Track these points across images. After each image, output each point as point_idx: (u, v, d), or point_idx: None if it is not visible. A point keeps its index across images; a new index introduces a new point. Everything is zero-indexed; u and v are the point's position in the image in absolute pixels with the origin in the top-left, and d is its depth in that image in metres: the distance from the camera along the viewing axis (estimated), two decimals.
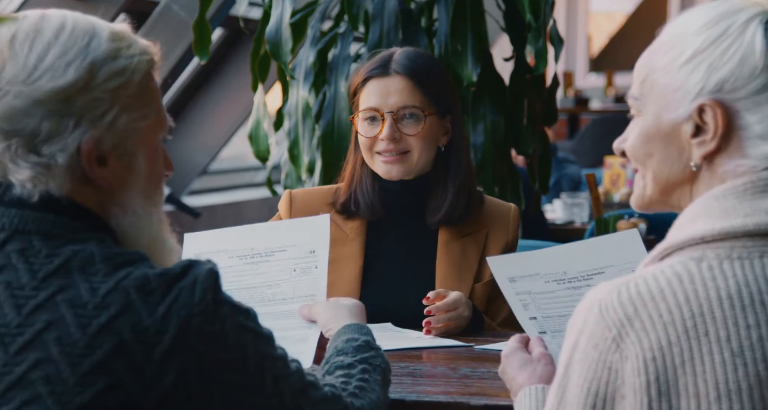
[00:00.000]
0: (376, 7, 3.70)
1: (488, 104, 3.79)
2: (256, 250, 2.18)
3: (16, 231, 1.41)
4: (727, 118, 1.38)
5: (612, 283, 1.36)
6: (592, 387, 1.33)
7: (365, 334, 1.85)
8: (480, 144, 3.79)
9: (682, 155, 1.42)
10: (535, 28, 3.77)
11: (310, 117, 3.79)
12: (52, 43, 1.42)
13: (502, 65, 3.98)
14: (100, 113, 1.43)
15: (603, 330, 1.33)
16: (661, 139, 1.43)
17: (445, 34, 3.72)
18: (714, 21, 1.41)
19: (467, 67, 3.70)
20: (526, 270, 1.99)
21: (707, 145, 1.40)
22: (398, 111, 2.53)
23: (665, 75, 1.42)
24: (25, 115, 1.40)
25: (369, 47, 3.69)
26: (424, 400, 1.91)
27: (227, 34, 6.60)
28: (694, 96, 1.40)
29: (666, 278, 1.34)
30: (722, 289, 1.32)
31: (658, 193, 1.47)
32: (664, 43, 1.45)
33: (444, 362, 2.19)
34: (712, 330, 1.31)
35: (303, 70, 3.80)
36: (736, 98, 1.38)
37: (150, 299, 1.37)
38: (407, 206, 2.58)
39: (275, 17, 3.74)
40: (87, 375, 1.34)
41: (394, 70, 2.54)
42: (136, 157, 1.48)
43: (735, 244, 1.35)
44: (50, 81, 1.41)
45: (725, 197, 1.38)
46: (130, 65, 1.46)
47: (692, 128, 1.40)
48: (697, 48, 1.40)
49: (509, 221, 2.61)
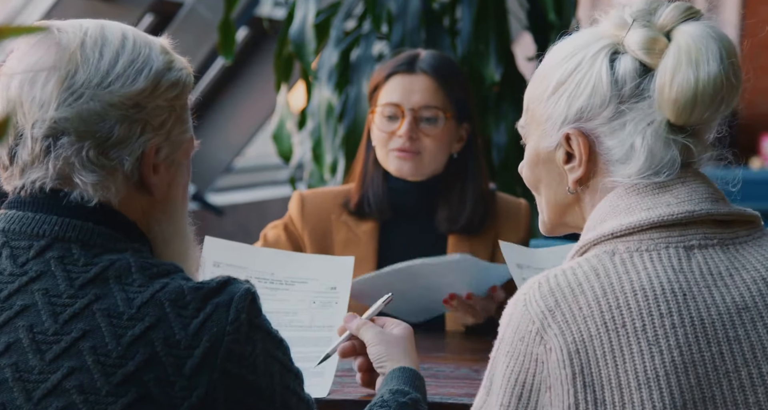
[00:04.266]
0: (399, 8, 3.70)
1: (511, 103, 3.79)
2: (276, 276, 2.16)
3: (56, 239, 1.42)
4: (590, 144, 1.47)
5: (535, 277, 1.43)
6: (519, 377, 1.38)
7: (416, 389, 1.77)
8: (503, 144, 3.79)
9: (563, 179, 1.51)
10: (559, 27, 3.76)
11: (333, 117, 3.80)
12: (120, 52, 1.46)
13: (523, 64, 3.98)
14: (161, 121, 1.47)
15: (527, 322, 1.39)
16: (543, 165, 1.53)
17: (468, 33, 3.72)
18: (572, 53, 1.49)
19: (490, 67, 3.70)
20: (534, 263, 2.04)
21: (576, 170, 1.49)
22: (419, 110, 2.52)
23: (539, 105, 1.51)
24: (101, 118, 1.43)
25: (392, 47, 3.70)
26: (447, 402, 1.92)
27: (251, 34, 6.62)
28: (560, 125, 1.49)
29: (583, 271, 1.41)
30: (635, 281, 1.39)
31: (554, 215, 1.55)
32: (537, 74, 1.54)
33: (467, 364, 2.20)
34: (628, 321, 1.37)
35: (326, 70, 3.81)
36: (595, 125, 1.47)
37: (184, 313, 1.38)
38: (416, 208, 2.58)
39: (299, 18, 3.75)
40: (119, 385, 1.35)
41: (420, 68, 2.54)
42: (180, 168, 1.51)
43: (642, 237, 1.43)
44: (123, 87, 1.44)
45: (628, 195, 1.45)
46: (181, 78, 1.50)
47: (563, 155, 1.50)
48: (559, 79, 1.49)
49: (520, 219, 2.61)
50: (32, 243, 1.42)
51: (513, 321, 1.41)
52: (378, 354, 1.85)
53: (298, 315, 2.13)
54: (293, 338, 1.94)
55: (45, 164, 1.43)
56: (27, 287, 1.41)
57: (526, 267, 2.04)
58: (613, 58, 1.48)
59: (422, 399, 1.76)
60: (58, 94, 1.42)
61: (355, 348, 1.92)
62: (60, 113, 1.42)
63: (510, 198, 2.66)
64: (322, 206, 2.59)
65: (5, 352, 1.39)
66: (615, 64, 1.47)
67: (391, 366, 1.83)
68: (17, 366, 1.38)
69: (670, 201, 1.44)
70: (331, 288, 2.15)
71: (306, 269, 2.16)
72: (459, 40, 3.76)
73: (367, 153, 2.60)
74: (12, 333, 1.39)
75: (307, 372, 1.66)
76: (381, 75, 2.58)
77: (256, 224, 6.30)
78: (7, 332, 1.39)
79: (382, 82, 2.57)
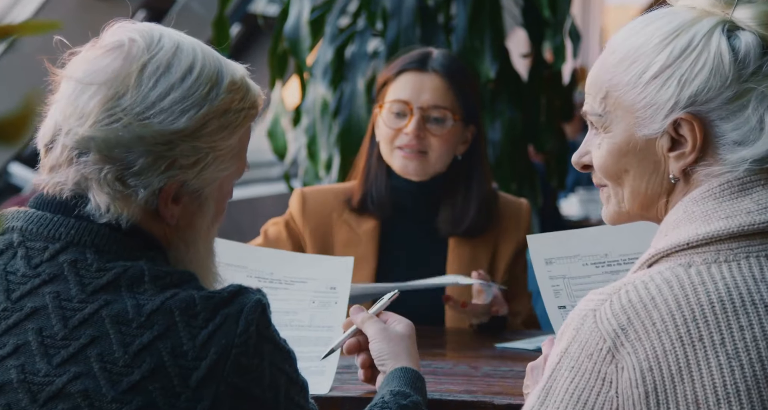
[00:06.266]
0: (394, 4, 3.70)
1: (506, 100, 3.79)
2: (275, 276, 2.15)
3: (71, 242, 1.42)
4: (704, 129, 1.39)
5: (604, 291, 1.36)
6: (582, 395, 1.33)
7: (417, 390, 1.76)
8: (498, 141, 3.79)
9: (658, 168, 1.43)
10: (554, 24, 3.77)
11: (328, 114, 3.80)
12: (176, 86, 1.42)
13: (516, 60, 3.98)
14: (193, 161, 1.44)
15: (597, 340, 1.33)
16: (635, 155, 1.43)
17: (463, 30, 3.72)
18: (674, 34, 1.40)
19: (485, 64, 3.70)
20: (566, 251, 1.96)
21: (686, 157, 1.40)
22: (428, 109, 2.50)
23: (630, 91, 1.42)
24: (127, 148, 1.41)
25: (387, 44, 3.70)
26: (447, 399, 1.92)
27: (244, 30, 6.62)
28: (668, 111, 1.40)
29: (656, 285, 1.34)
30: (712, 293, 1.33)
31: (638, 207, 1.47)
32: (621, 59, 1.44)
33: (466, 360, 2.20)
34: (705, 334, 1.31)
35: (321, 67, 3.81)
36: (711, 109, 1.39)
37: (193, 323, 1.37)
38: (417, 208, 2.56)
39: (294, 15, 3.75)
40: (124, 392, 1.35)
41: (432, 67, 2.52)
42: (208, 201, 1.48)
43: (720, 247, 1.36)
44: (161, 123, 1.41)
45: (704, 201, 1.38)
46: (236, 120, 1.47)
47: (668, 143, 1.41)
48: (663, 63, 1.40)
49: (521, 218, 2.59)
50: (47, 245, 1.42)
51: (581, 336, 1.34)
52: (380, 351, 1.85)
53: (297, 314, 2.12)
54: (293, 337, 1.94)
55: (66, 173, 1.43)
56: (39, 290, 1.40)
57: (557, 260, 1.95)
58: (729, 35, 1.39)
59: (423, 402, 1.76)
60: (98, 112, 1.41)
61: (360, 344, 1.92)
62: (91, 132, 1.41)
63: (511, 198, 2.65)
64: (324, 205, 2.57)
65: (13, 353, 1.39)
66: (733, 42, 1.38)
67: (392, 365, 1.83)
68: (23, 368, 1.37)
69: (750, 208, 1.37)
70: (330, 288, 2.15)
71: (305, 269, 2.16)
72: (454, 37, 3.76)
73: (370, 149, 2.58)
74: (21, 335, 1.39)
75: (307, 371, 1.67)
76: (391, 71, 2.55)
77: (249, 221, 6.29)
78: (16, 333, 1.39)
79: (392, 78, 2.54)
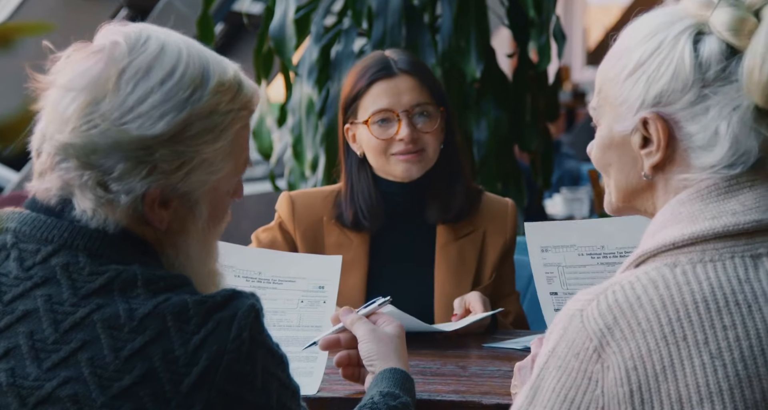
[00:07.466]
0: (380, 4, 3.70)
1: (491, 100, 3.79)
2: (263, 276, 2.14)
3: (63, 245, 1.41)
4: (669, 129, 1.40)
5: (591, 291, 1.37)
6: (570, 394, 1.34)
7: (406, 392, 1.76)
8: (483, 140, 3.79)
9: (636, 165, 1.44)
10: (539, 24, 3.78)
11: (314, 113, 3.79)
12: (155, 90, 1.39)
13: (502, 60, 3.98)
14: (176, 165, 1.40)
15: (584, 339, 1.34)
16: (615, 149, 1.46)
17: (449, 30, 3.73)
18: (652, 33, 1.42)
19: (471, 64, 3.70)
20: (563, 240, 1.97)
21: (654, 156, 1.42)
22: (412, 109, 2.50)
23: (614, 87, 1.44)
24: (104, 154, 1.39)
25: (372, 44, 3.70)
26: (435, 399, 1.92)
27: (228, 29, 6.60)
28: (637, 109, 1.42)
29: (642, 285, 1.35)
30: (696, 292, 1.33)
31: (621, 200, 1.49)
32: (613, 54, 1.46)
33: (453, 360, 2.20)
34: (689, 334, 1.32)
35: (306, 66, 3.80)
36: (675, 110, 1.40)
37: (185, 328, 1.36)
38: (408, 208, 2.54)
39: (279, 14, 3.75)
40: (114, 398, 1.33)
41: (399, 69, 2.50)
42: (199, 204, 1.45)
43: (706, 247, 1.36)
44: (138, 129, 1.38)
45: (691, 202, 1.40)
46: (223, 122, 1.43)
47: (640, 140, 1.43)
48: (638, 61, 1.42)
49: (506, 218, 2.58)
50: (40, 247, 1.41)
51: (568, 335, 1.35)
52: (369, 352, 1.85)
53: (286, 314, 2.12)
54: (281, 337, 1.94)
55: (51, 179, 1.42)
56: (31, 293, 1.39)
57: (552, 249, 1.95)
58: (697, 39, 1.40)
59: (412, 403, 1.76)
60: (77, 118, 1.39)
61: (339, 341, 1.92)
62: (70, 138, 1.39)
63: (496, 198, 2.64)
64: (313, 208, 2.54)
65: (3, 357, 1.37)
66: (699, 46, 1.39)
67: (381, 366, 1.82)
68: (13, 372, 1.36)
69: (735, 209, 1.38)
70: (319, 287, 2.14)
71: (294, 268, 2.15)
72: (440, 37, 3.76)
73: (348, 166, 2.55)
74: (12, 339, 1.38)
75: (295, 372, 1.66)
76: (360, 85, 2.51)
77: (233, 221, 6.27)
78: (7, 336, 1.38)
79: (364, 91, 2.50)
